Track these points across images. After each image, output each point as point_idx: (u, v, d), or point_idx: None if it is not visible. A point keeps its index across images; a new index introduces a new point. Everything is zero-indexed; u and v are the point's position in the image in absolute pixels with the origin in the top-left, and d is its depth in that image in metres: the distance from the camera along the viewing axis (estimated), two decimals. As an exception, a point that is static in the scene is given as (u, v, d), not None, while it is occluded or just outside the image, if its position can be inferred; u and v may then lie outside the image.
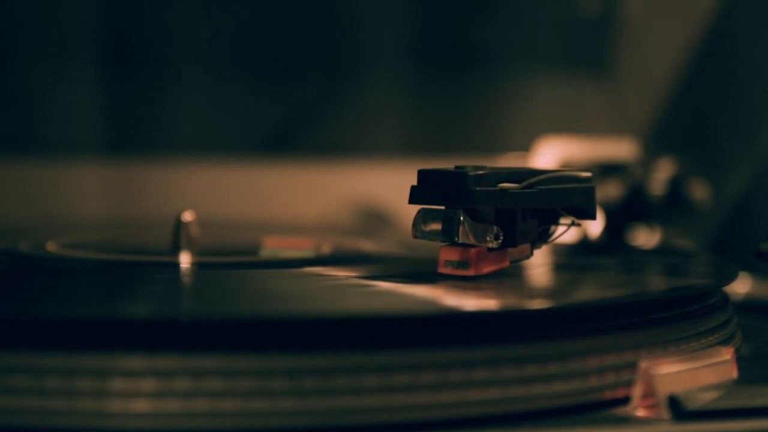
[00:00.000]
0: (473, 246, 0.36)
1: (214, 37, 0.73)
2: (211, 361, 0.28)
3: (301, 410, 0.28)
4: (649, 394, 0.31)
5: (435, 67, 0.75)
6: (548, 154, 0.59)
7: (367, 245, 0.49)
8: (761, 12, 0.66)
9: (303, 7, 0.74)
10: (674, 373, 0.32)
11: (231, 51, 0.73)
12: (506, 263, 0.37)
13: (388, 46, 0.74)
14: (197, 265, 0.42)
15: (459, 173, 0.35)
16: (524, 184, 0.36)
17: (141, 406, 0.28)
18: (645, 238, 0.55)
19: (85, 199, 0.70)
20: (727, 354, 0.34)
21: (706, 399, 0.31)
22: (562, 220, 0.38)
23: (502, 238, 0.36)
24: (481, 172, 0.35)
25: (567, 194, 0.37)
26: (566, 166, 0.57)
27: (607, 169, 0.56)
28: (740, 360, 0.35)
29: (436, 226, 0.36)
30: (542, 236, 0.38)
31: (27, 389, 0.28)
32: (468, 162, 0.38)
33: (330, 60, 0.74)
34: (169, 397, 0.28)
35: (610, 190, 0.55)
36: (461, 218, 0.35)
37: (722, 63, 0.68)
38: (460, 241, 0.36)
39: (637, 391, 0.31)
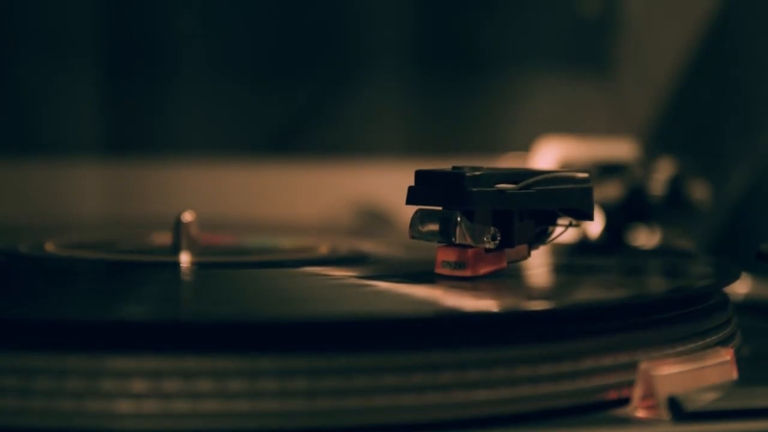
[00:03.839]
0: (470, 247, 0.36)
1: (214, 37, 0.73)
2: (210, 362, 0.28)
3: (299, 411, 0.28)
4: (649, 394, 0.31)
5: (435, 67, 0.75)
6: (548, 155, 0.59)
7: (367, 245, 0.49)
8: (761, 12, 0.66)
9: (303, 8, 0.74)
10: (674, 373, 0.31)
11: (231, 51, 0.73)
12: (503, 264, 0.37)
13: (388, 46, 0.74)
14: (197, 265, 0.42)
15: (456, 174, 0.35)
16: (521, 185, 0.36)
17: (139, 407, 0.28)
18: (645, 238, 0.55)
19: (84, 199, 0.70)
20: (727, 355, 0.34)
21: (706, 400, 0.31)
22: (560, 221, 0.38)
23: (499, 238, 0.36)
24: (478, 173, 0.35)
25: (564, 195, 0.37)
26: (566, 166, 0.57)
27: (607, 170, 0.56)
28: (740, 361, 0.35)
29: (434, 227, 0.36)
30: (540, 237, 0.38)
31: (22, 390, 0.28)
32: (467, 162, 0.38)
33: (330, 60, 0.74)
34: (168, 398, 0.28)
35: (610, 191, 0.55)
36: (458, 219, 0.35)
37: (722, 63, 0.68)
38: (458, 241, 0.36)
39: (637, 392, 0.31)
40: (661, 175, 0.56)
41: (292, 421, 0.28)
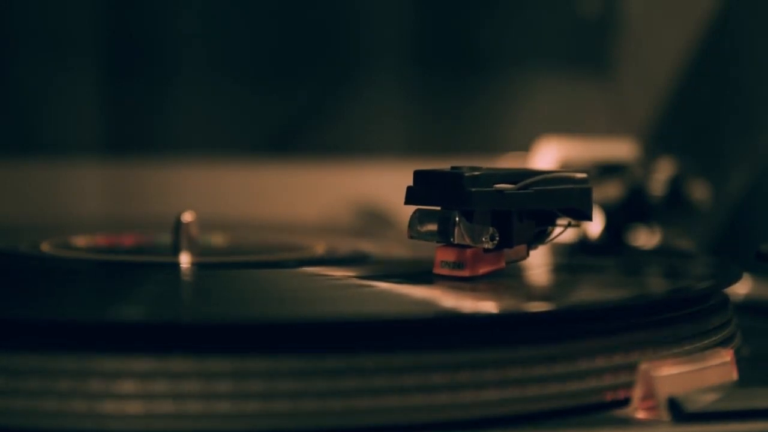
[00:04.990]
0: (469, 247, 0.36)
1: (214, 37, 0.73)
2: (207, 363, 0.28)
3: (298, 412, 0.28)
4: (649, 395, 0.31)
5: (435, 67, 0.75)
6: (548, 155, 0.59)
7: (367, 245, 0.49)
8: (761, 12, 0.66)
9: (303, 8, 0.74)
10: (674, 374, 0.31)
11: (231, 51, 0.73)
12: (502, 264, 0.37)
13: (388, 46, 0.74)
14: (197, 266, 0.42)
15: (455, 174, 0.35)
16: (520, 185, 0.36)
17: (137, 407, 0.28)
18: (645, 238, 0.55)
19: (84, 199, 0.70)
20: (727, 355, 0.34)
21: (706, 401, 0.31)
22: (559, 221, 0.38)
23: (498, 238, 0.36)
24: (477, 173, 0.35)
25: (563, 195, 0.37)
26: (566, 166, 0.57)
27: (607, 170, 0.56)
28: (740, 361, 0.35)
29: (432, 227, 0.36)
30: (539, 237, 0.38)
31: (20, 390, 0.28)
32: (467, 162, 0.38)
33: (330, 60, 0.74)
34: (168, 398, 0.28)
35: (610, 191, 0.55)
36: (457, 219, 0.35)
37: (722, 63, 0.68)
38: (456, 241, 0.36)
39: (637, 393, 0.31)
40: (661, 175, 0.56)
41: (292, 422, 0.28)
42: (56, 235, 0.50)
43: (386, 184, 0.69)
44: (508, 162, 0.65)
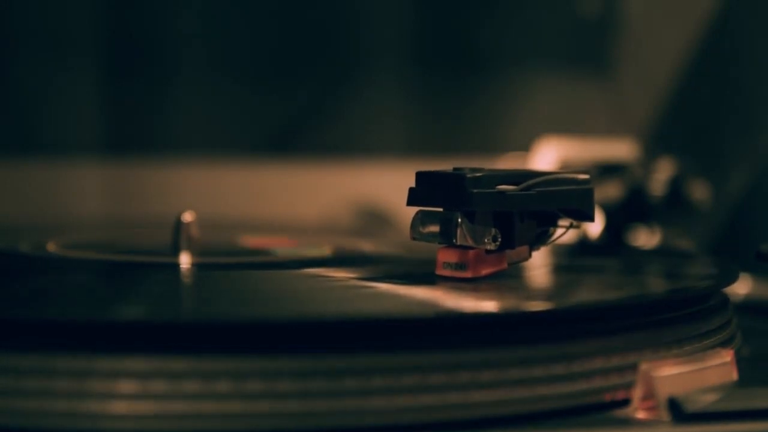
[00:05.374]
0: (471, 248, 0.36)
1: (214, 37, 0.73)
2: (206, 363, 0.28)
3: (310, 412, 0.28)
4: (649, 396, 0.31)
5: (435, 67, 0.75)
6: (548, 155, 0.59)
7: (367, 246, 0.49)
8: (761, 12, 0.66)
9: (303, 8, 0.74)
10: (674, 374, 0.31)
11: (231, 51, 0.73)
12: (504, 265, 0.37)
13: (388, 46, 0.74)
14: (197, 266, 0.42)
15: (457, 175, 0.35)
16: (522, 186, 0.36)
17: (137, 407, 0.28)
18: (645, 238, 0.55)
19: (84, 199, 0.70)
20: (727, 356, 0.34)
21: (706, 401, 0.31)
22: (561, 222, 0.38)
23: (500, 240, 0.36)
24: (478, 175, 0.35)
25: (565, 196, 0.37)
26: (566, 166, 0.57)
27: (607, 170, 0.56)
28: (740, 361, 0.35)
29: (434, 228, 0.36)
30: (541, 238, 0.38)
31: (20, 390, 0.28)
32: (468, 163, 0.38)
33: (330, 60, 0.74)
34: (167, 398, 0.28)
35: (610, 191, 0.55)
36: (459, 220, 0.35)
37: (722, 63, 0.68)
38: (458, 243, 0.36)
39: (637, 393, 0.31)
40: (661, 175, 0.56)
41: (292, 422, 0.28)
42: (57, 235, 0.50)
43: (386, 184, 0.69)
44: (508, 162, 0.65)
